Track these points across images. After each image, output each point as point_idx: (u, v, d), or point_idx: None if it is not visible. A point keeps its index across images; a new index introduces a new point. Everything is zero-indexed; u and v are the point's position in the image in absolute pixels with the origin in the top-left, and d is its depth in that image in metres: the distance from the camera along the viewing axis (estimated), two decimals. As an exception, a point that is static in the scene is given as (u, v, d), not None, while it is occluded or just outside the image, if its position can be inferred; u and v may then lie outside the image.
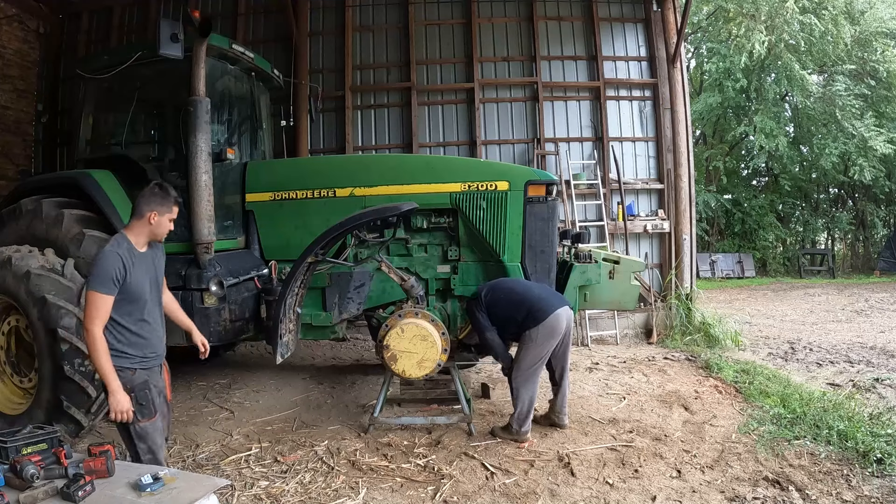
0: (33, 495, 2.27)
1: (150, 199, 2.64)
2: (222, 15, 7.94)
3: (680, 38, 7.47)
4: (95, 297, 2.45)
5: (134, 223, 2.65)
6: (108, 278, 2.47)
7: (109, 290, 2.47)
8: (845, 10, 15.10)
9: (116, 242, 2.58)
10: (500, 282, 4.13)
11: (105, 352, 2.45)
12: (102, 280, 2.46)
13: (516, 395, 3.81)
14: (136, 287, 2.57)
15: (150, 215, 2.62)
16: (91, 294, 2.46)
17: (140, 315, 2.61)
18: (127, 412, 2.49)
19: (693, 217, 7.51)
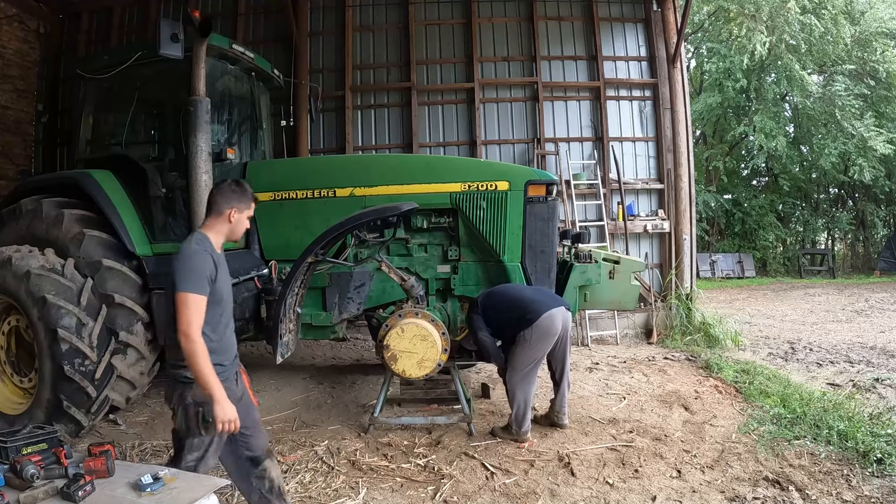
0: (33, 495, 2.27)
1: (228, 195, 2.48)
2: (222, 15, 7.93)
3: (680, 38, 7.47)
4: (189, 299, 2.24)
5: (213, 221, 2.48)
6: (201, 278, 2.29)
7: (204, 290, 2.29)
8: (845, 10, 15.11)
9: (200, 241, 2.40)
10: (497, 287, 4.16)
11: (207, 357, 2.24)
12: (195, 280, 2.28)
13: (512, 396, 3.82)
14: (221, 289, 2.43)
15: (229, 212, 2.47)
16: (184, 296, 2.25)
17: (222, 319, 2.47)
18: (234, 422, 2.28)
19: (693, 217, 7.51)
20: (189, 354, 2.22)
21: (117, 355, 3.93)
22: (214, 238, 2.46)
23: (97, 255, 4.02)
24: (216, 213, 2.47)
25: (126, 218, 4.21)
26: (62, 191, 4.35)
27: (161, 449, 3.81)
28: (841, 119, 15.19)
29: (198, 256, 2.33)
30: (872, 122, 15.05)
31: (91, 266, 3.99)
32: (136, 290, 4.11)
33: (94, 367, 3.72)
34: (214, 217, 2.48)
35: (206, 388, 2.24)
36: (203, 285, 2.28)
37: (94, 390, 3.73)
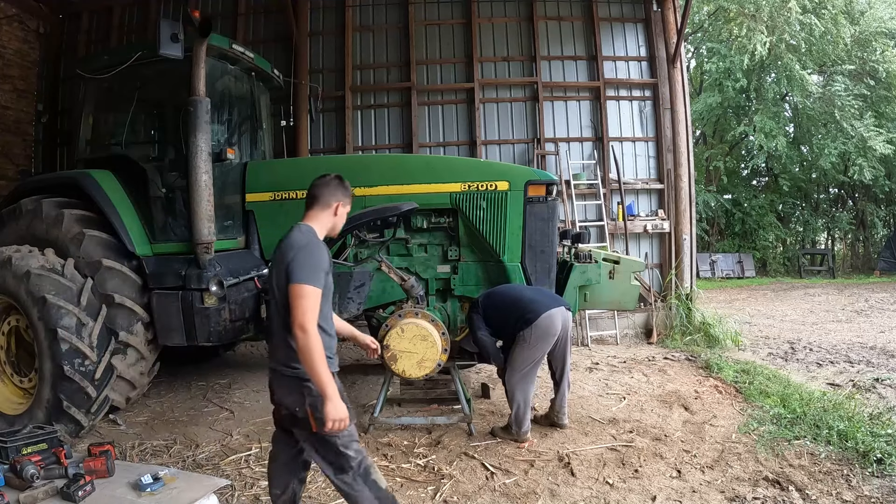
0: (33, 495, 2.27)
1: (335, 188, 2.44)
2: (222, 15, 7.93)
3: (680, 38, 7.47)
4: (308, 291, 2.15)
5: (318, 214, 2.41)
6: (321, 271, 2.22)
7: (320, 283, 2.21)
8: (845, 9, 15.11)
9: (313, 233, 2.34)
10: (497, 287, 4.15)
11: (323, 353, 2.16)
12: (314, 272, 2.19)
13: (511, 396, 3.81)
14: (330, 283, 2.36)
15: (336, 205, 2.43)
16: (302, 288, 2.15)
17: (329, 313, 2.39)
18: (345, 420, 2.20)
19: (693, 217, 7.51)
20: (305, 348, 2.13)
21: (117, 355, 3.94)
22: (319, 231, 2.40)
23: (97, 255, 4.02)
24: (323, 205, 2.42)
25: (126, 218, 4.22)
26: (62, 191, 4.35)
27: (161, 449, 3.81)
28: (841, 119, 15.20)
29: (319, 249, 2.28)
30: (872, 122, 15.06)
31: (91, 266, 3.99)
32: (136, 290, 4.11)
33: (94, 367, 3.72)
34: (321, 209, 2.42)
35: (320, 384, 2.15)
36: (320, 278, 2.22)
37: (94, 390, 3.73)
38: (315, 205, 2.42)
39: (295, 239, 2.29)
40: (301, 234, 2.32)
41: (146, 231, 4.32)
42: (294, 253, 2.22)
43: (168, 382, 5.30)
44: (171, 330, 4.11)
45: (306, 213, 2.44)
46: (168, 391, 5.15)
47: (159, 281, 4.14)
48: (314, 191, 2.45)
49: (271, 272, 2.35)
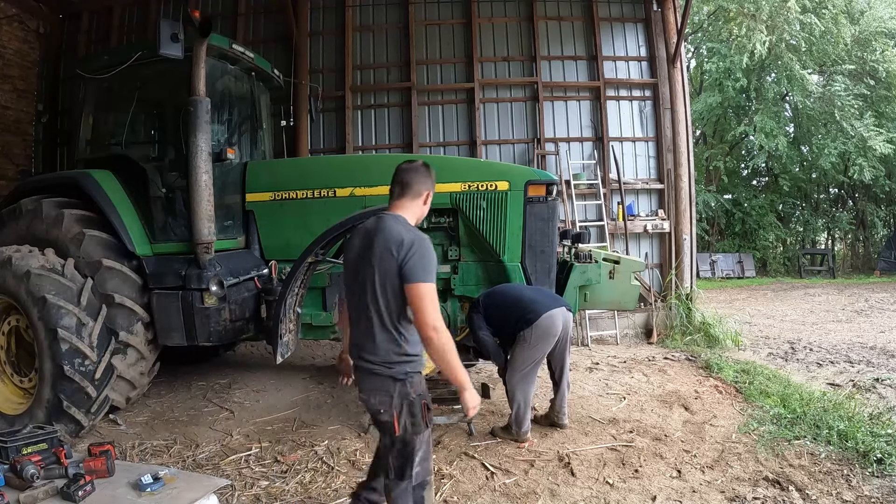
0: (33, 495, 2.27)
1: (425, 176, 2.31)
2: (222, 15, 7.93)
3: (680, 38, 7.47)
4: (431, 289, 2.08)
5: (409, 203, 2.28)
6: (434, 266, 2.15)
7: (435, 278, 2.14)
8: (845, 9, 15.11)
9: (411, 224, 2.24)
10: (497, 287, 4.14)
11: (455, 348, 2.13)
12: (432, 269, 2.12)
13: (511, 396, 3.81)
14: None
15: (427, 194, 2.31)
16: (426, 287, 2.07)
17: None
18: (477, 408, 2.23)
19: (693, 217, 7.51)
20: (441, 347, 2.08)
21: (117, 355, 3.94)
22: (411, 221, 2.27)
23: (97, 255, 4.03)
24: (414, 194, 2.28)
25: (126, 218, 4.22)
26: (62, 191, 4.35)
27: (161, 449, 3.81)
28: (841, 119, 15.20)
29: (427, 242, 2.15)
30: (872, 122, 15.06)
31: (91, 266, 3.99)
32: (136, 290, 4.11)
33: (94, 367, 3.72)
34: (412, 199, 2.28)
35: (458, 378, 2.13)
36: (435, 273, 2.15)
37: (94, 390, 3.73)
38: (407, 193, 2.27)
39: (397, 232, 2.14)
40: (401, 226, 2.18)
41: (146, 231, 4.33)
42: (406, 251, 2.09)
43: (168, 382, 5.30)
44: (171, 330, 4.11)
45: (395, 201, 2.29)
46: (168, 391, 5.15)
47: (159, 281, 4.15)
48: (404, 178, 2.28)
49: (360, 263, 2.20)
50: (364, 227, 2.27)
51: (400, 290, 2.11)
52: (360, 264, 2.20)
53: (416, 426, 2.15)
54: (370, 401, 2.20)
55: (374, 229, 2.19)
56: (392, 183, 2.31)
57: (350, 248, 2.30)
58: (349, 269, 2.29)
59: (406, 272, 2.08)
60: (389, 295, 2.13)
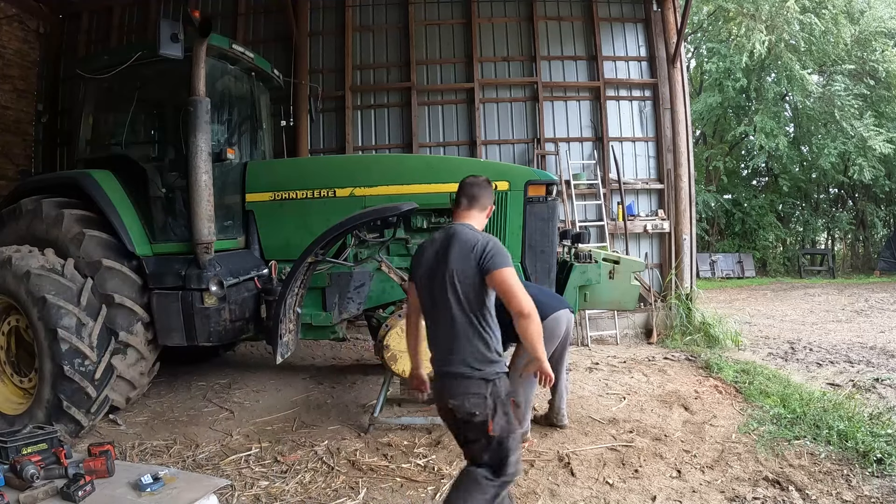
0: (33, 495, 2.27)
1: (489, 191, 2.51)
2: (222, 15, 7.93)
3: (680, 38, 7.46)
4: (515, 274, 2.25)
5: (475, 214, 2.45)
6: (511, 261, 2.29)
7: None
8: (845, 9, 15.11)
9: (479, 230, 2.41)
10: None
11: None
12: (511, 261, 2.27)
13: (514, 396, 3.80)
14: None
15: (490, 207, 2.51)
16: (511, 271, 2.22)
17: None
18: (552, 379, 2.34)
19: (693, 217, 7.51)
20: (531, 330, 2.19)
21: (117, 355, 3.94)
22: (478, 228, 2.44)
23: (97, 255, 4.03)
24: (481, 207, 2.47)
25: (126, 218, 4.22)
26: (62, 191, 4.35)
27: (161, 449, 3.81)
28: (840, 119, 15.20)
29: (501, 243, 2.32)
30: (872, 122, 15.05)
31: (91, 266, 3.99)
32: (136, 290, 4.11)
33: (94, 367, 3.72)
34: (479, 210, 2.47)
35: (538, 352, 2.24)
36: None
37: (94, 390, 3.73)
38: (475, 206, 2.45)
39: (472, 237, 2.30)
40: (471, 231, 2.35)
41: (146, 231, 4.33)
42: (483, 248, 2.23)
43: (168, 382, 5.30)
44: (171, 330, 4.11)
45: (462, 211, 2.44)
46: (168, 391, 5.15)
47: (159, 281, 4.15)
48: (474, 192, 2.45)
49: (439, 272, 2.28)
50: (436, 239, 2.40)
51: (481, 289, 2.23)
52: (439, 274, 2.29)
53: (509, 424, 2.24)
54: (463, 405, 2.23)
55: (449, 239, 2.33)
56: (459, 195, 2.47)
57: (422, 262, 2.40)
58: (424, 281, 2.37)
59: (488, 264, 2.20)
60: (472, 298, 2.24)
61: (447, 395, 2.27)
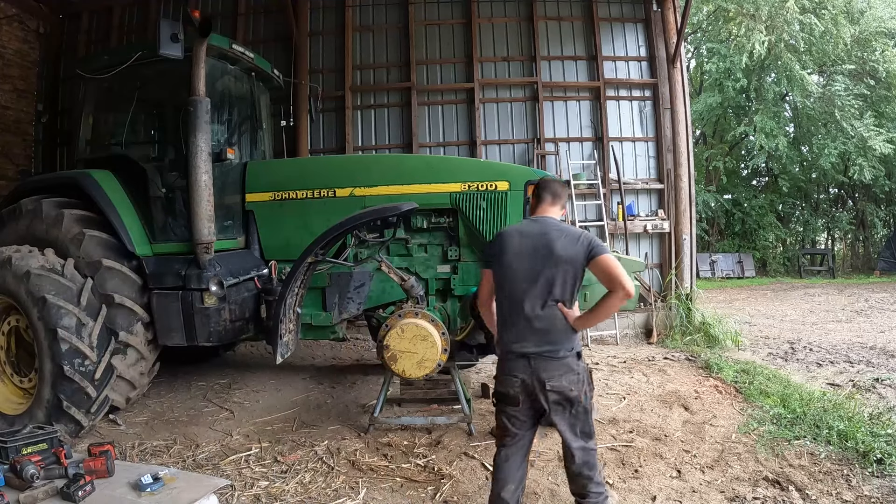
0: (33, 495, 2.27)
1: (566, 191, 2.77)
2: (222, 15, 7.94)
3: (680, 38, 7.47)
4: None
5: (557, 210, 2.70)
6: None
7: None
8: (845, 9, 15.11)
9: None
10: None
11: None
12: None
13: None
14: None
15: (566, 206, 2.74)
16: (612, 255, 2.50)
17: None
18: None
19: (693, 217, 7.51)
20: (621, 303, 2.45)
21: (117, 355, 3.94)
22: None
23: (97, 255, 4.02)
24: (560, 204, 2.71)
25: (126, 218, 4.22)
26: (62, 191, 4.35)
27: (161, 449, 3.81)
28: (841, 119, 15.19)
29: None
30: (872, 122, 15.05)
31: (91, 266, 3.99)
32: (136, 290, 4.11)
33: (94, 367, 3.72)
34: (560, 207, 2.71)
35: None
36: None
37: (94, 390, 3.73)
38: (557, 202, 2.69)
39: (571, 229, 2.56)
40: (559, 221, 2.62)
41: (146, 231, 4.33)
42: (583, 238, 2.48)
43: (168, 382, 5.30)
44: (171, 330, 4.11)
45: (546, 206, 2.67)
46: (168, 391, 5.15)
47: (159, 281, 4.15)
48: (556, 189, 2.71)
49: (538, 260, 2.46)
50: (525, 230, 2.58)
51: (579, 275, 2.50)
52: (542, 260, 2.47)
53: (592, 390, 2.60)
54: (561, 383, 2.41)
55: (548, 230, 2.52)
56: (542, 191, 2.71)
57: (511, 249, 2.53)
58: (518, 267, 2.50)
59: (596, 251, 2.44)
60: (571, 283, 2.48)
61: (542, 375, 2.41)
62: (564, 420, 2.45)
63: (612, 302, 2.43)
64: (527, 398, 2.46)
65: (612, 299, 2.42)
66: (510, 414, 2.53)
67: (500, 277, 2.57)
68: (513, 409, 2.51)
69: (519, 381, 2.45)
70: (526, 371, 2.43)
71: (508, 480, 2.56)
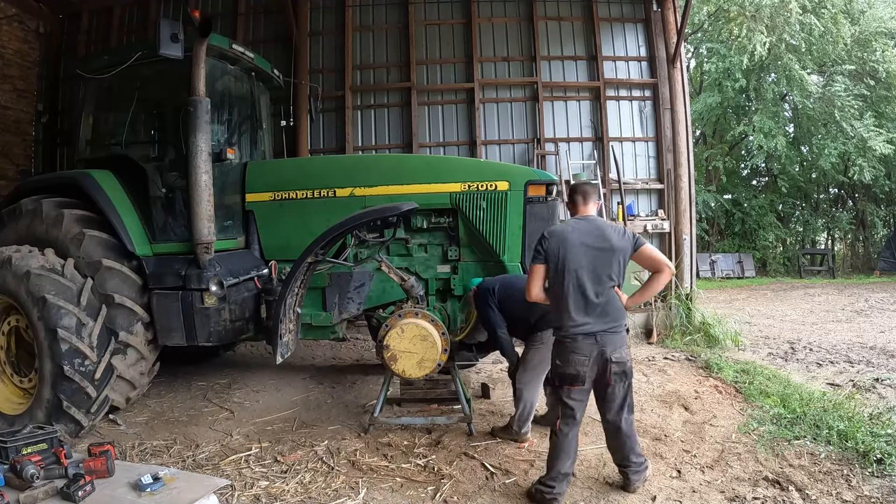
0: (33, 495, 2.27)
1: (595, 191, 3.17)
2: (222, 15, 7.94)
3: (680, 38, 7.47)
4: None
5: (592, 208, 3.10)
6: None
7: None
8: (845, 9, 15.10)
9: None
10: (511, 279, 3.99)
11: None
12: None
13: (520, 396, 3.77)
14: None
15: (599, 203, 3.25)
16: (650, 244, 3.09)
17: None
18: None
19: (693, 217, 7.51)
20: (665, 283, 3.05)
21: (117, 355, 3.94)
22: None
23: (97, 255, 4.03)
24: (594, 202, 3.13)
25: (126, 218, 4.22)
26: (62, 191, 4.35)
27: (161, 449, 3.81)
28: (841, 119, 15.18)
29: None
30: (872, 123, 15.05)
31: (91, 266, 3.99)
32: (136, 290, 4.11)
33: (94, 367, 3.72)
34: (594, 204, 3.12)
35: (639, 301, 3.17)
36: None
37: (94, 390, 3.73)
38: (588, 200, 3.09)
39: (605, 222, 3.10)
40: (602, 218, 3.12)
41: (146, 231, 4.33)
42: (630, 231, 3.03)
43: (168, 382, 5.30)
44: (171, 330, 4.11)
45: (584, 207, 3.08)
46: (168, 391, 5.15)
47: (159, 281, 4.15)
48: (588, 189, 3.11)
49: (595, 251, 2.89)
50: (577, 227, 2.98)
51: (626, 262, 2.94)
52: (600, 253, 2.89)
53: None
54: (620, 355, 2.87)
55: (598, 227, 2.98)
56: (574, 195, 3.12)
57: (570, 245, 2.91)
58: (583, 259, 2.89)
59: (637, 242, 2.97)
60: (621, 269, 2.90)
61: (608, 349, 2.84)
62: (621, 392, 2.90)
63: (661, 279, 2.99)
64: (592, 375, 2.86)
65: (661, 277, 2.97)
66: (574, 396, 2.90)
67: (561, 269, 2.91)
68: (578, 389, 2.88)
69: (588, 358, 2.83)
70: (593, 348, 2.83)
71: (571, 455, 2.95)
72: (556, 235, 2.97)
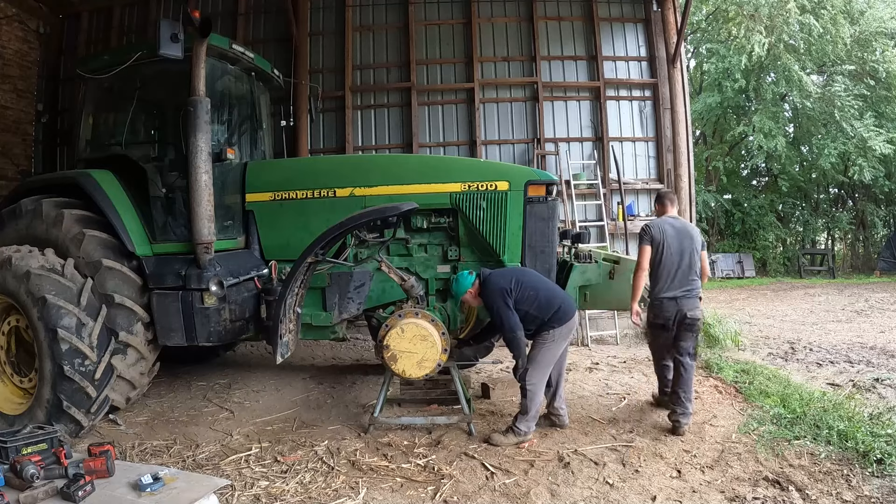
0: (33, 495, 2.27)
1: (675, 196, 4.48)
2: (222, 15, 7.93)
3: (680, 38, 7.47)
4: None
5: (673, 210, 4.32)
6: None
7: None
8: (844, 9, 15.10)
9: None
10: (523, 278, 3.87)
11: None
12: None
13: (530, 396, 3.74)
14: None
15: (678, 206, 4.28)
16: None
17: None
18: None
19: (693, 217, 7.50)
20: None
21: (117, 355, 3.94)
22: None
23: (97, 255, 4.02)
24: (674, 205, 4.36)
25: (126, 218, 4.22)
26: (62, 191, 4.35)
27: (161, 449, 3.81)
28: (840, 119, 15.19)
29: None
30: (872, 122, 15.05)
31: (91, 266, 3.99)
32: (136, 290, 4.11)
33: (94, 367, 3.72)
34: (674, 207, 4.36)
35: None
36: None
37: (94, 390, 3.73)
38: (672, 205, 4.33)
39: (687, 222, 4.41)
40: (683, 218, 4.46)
41: (146, 231, 4.32)
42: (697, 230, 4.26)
43: (168, 382, 5.31)
44: (171, 330, 4.11)
45: (668, 209, 4.28)
46: (168, 391, 5.15)
47: (159, 281, 4.15)
48: (670, 196, 4.37)
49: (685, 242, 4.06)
50: (674, 224, 4.13)
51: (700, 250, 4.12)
52: (685, 243, 4.05)
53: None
54: (695, 313, 4.02)
55: (685, 225, 4.20)
56: (663, 200, 4.34)
57: (668, 235, 4.04)
58: (675, 245, 4.03)
59: (704, 245, 4.20)
60: (697, 255, 4.07)
61: (686, 308, 3.97)
62: (691, 339, 4.01)
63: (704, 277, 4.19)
64: (672, 326, 4.00)
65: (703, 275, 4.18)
66: (663, 335, 4.12)
67: (661, 251, 4.02)
68: (665, 333, 4.07)
69: (671, 314, 3.98)
70: (674, 308, 3.98)
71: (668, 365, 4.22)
72: (660, 228, 4.06)
